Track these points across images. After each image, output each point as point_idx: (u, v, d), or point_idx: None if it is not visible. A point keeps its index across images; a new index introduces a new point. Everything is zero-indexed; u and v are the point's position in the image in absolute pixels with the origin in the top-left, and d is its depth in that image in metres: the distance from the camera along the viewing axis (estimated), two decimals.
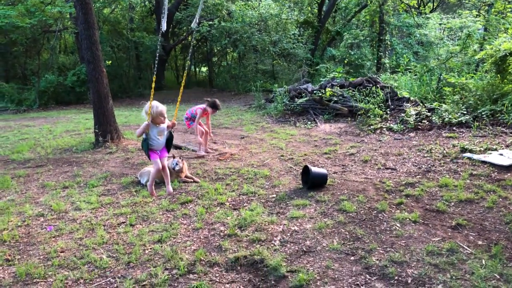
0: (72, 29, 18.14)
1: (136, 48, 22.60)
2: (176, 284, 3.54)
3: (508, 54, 9.20)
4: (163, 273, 3.69)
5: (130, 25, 22.55)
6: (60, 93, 18.45)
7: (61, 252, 4.14)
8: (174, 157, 6.19)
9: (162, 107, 4.40)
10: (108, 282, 3.60)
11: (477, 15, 14.64)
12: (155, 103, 4.33)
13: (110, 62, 17.90)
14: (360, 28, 19.60)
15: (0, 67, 20.09)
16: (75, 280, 3.62)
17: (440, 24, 16.43)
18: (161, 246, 4.20)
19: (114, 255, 4.06)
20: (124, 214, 5.08)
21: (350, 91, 11.07)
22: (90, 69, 8.38)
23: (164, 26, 4.60)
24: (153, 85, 4.61)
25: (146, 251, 4.12)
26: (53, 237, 4.50)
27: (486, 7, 14.88)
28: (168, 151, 4.74)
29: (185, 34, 25.06)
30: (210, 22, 19.30)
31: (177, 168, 6.09)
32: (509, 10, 15.25)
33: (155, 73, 5.35)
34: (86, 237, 4.48)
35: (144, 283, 3.56)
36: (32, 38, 19.10)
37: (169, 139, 4.63)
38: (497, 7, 14.39)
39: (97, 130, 8.47)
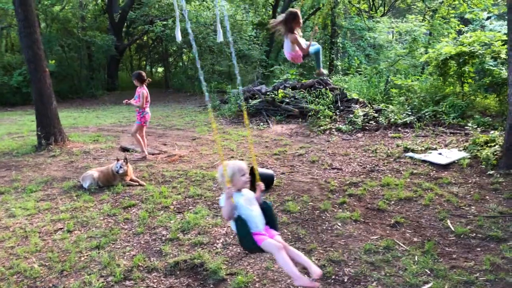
0: (18, 26, 17.30)
1: (88, 48, 21.87)
2: None
3: (449, 57, 9.64)
4: (97, 280, 3.56)
5: (81, 23, 21.79)
6: (5, 94, 17.51)
7: None
8: (118, 160, 6.01)
9: (239, 163, 2.98)
10: None
11: (422, 19, 15.26)
12: (228, 163, 2.94)
13: (53, 61, 17.17)
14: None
15: None
16: None
17: (389, 28, 16.99)
18: (99, 253, 4.05)
19: (47, 264, 3.87)
20: (63, 220, 4.86)
21: (302, 92, 11.21)
22: (31, 68, 8.00)
23: (179, 37, 3.73)
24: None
25: (82, 258, 3.96)
26: None
27: (431, 13, 15.54)
28: (276, 229, 3.00)
29: (139, 33, 24.56)
30: (164, 22, 19.00)
31: (121, 171, 5.92)
32: (452, 15, 16.03)
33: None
34: (18, 245, 4.25)
35: None
36: None
37: (267, 211, 2.98)
38: (441, 13, 15.05)
39: (39, 133, 8.09)
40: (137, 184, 6.08)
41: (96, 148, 8.35)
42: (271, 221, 2.96)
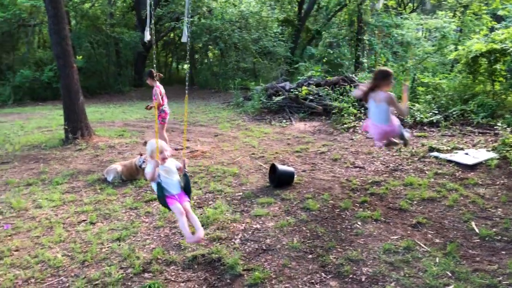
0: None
1: (116, 44, 22.30)
2: (129, 283, 3.49)
3: (479, 55, 9.34)
4: (117, 272, 3.64)
5: (110, 20, 22.22)
6: (36, 89, 18.06)
7: (15, 251, 4.05)
8: (141, 154, 6.11)
9: (161, 143, 3.67)
10: (60, 282, 3.53)
11: (453, 16, 14.83)
12: (150, 141, 3.68)
13: (81, 57, 17.57)
14: (340, 27, 19.69)
15: None
16: (26, 280, 3.54)
17: (418, 24, 16.61)
18: (119, 245, 4.14)
19: (69, 254, 3.98)
20: (86, 212, 4.99)
21: (326, 90, 11.10)
22: (60, 64, 8.22)
23: (147, 36, 3.97)
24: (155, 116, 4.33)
25: (103, 250, 4.05)
26: (9, 235, 4.39)
27: (462, 9, 15.10)
28: (189, 197, 3.80)
29: (166, 30, 24.85)
30: (191, 19, 19.14)
31: (144, 165, 6.01)
32: (484, 12, 15.50)
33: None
34: (43, 235, 4.39)
35: (96, 282, 3.49)
36: (8, 32, 18.68)
37: (186, 183, 3.77)
38: (473, 9, 14.59)
39: (66, 127, 8.31)
40: None
41: (121, 142, 8.51)
42: (186, 189, 3.75)
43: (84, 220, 4.77)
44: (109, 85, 20.87)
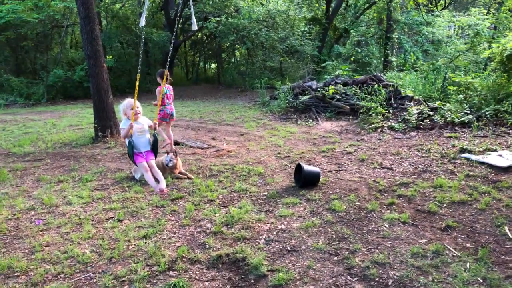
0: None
1: (145, 44, 22.69)
2: (155, 281, 3.53)
3: None
4: (143, 269, 3.68)
5: (139, 21, 22.62)
6: (68, 88, 18.62)
7: (46, 246, 4.16)
8: (168, 153, 6.18)
9: (128, 100, 4.54)
10: (88, 277, 3.60)
11: (487, 13, 14.36)
12: (123, 101, 4.52)
13: (110, 57, 17.95)
14: (368, 25, 19.39)
15: (10, 61, 20.34)
16: (56, 275, 3.63)
17: (450, 22, 16.17)
18: (146, 242, 4.19)
19: (97, 250, 4.06)
20: (114, 209, 5.09)
21: (353, 89, 10.95)
22: (90, 64, 8.42)
23: (142, 22, 4.64)
24: (137, 84, 4.70)
25: (130, 247, 4.12)
26: (41, 231, 4.52)
27: (496, 5, 14.59)
28: (155, 156, 4.59)
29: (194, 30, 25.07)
30: (218, 18, 19.27)
31: (170, 164, 6.08)
32: None
33: (139, 70, 5.48)
34: (73, 231, 4.50)
35: (123, 278, 3.55)
36: (42, 33, 19.31)
37: (154, 142, 4.51)
38: (508, 5, 14.09)
39: (96, 125, 8.52)
40: (186, 177, 6.22)
41: None
42: (154, 148, 4.63)
43: (112, 217, 4.87)
44: (138, 84, 21.22)
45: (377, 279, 3.43)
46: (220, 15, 19.61)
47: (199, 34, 27.45)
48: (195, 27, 4.25)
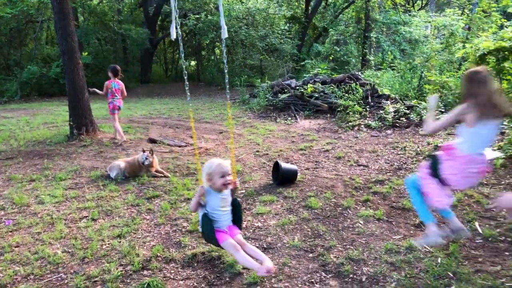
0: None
1: (123, 41, 22.37)
2: (128, 280, 3.47)
3: (487, 53, 9.21)
4: (117, 269, 3.63)
5: (117, 17, 22.27)
6: (43, 85, 18.18)
7: (15, 247, 4.05)
8: (144, 151, 6.10)
9: (222, 162, 3.17)
10: (59, 278, 3.52)
11: (461, 13, 14.64)
12: (211, 160, 3.23)
13: (86, 53, 17.61)
14: (347, 24, 19.57)
15: None
16: (25, 276, 3.54)
17: (426, 22, 16.43)
18: (120, 242, 4.13)
19: (70, 250, 3.98)
20: (88, 208, 4.99)
21: (332, 87, 11.04)
22: (65, 60, 8.23)
23: (173, 35, 3.84)
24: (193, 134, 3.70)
25: (104, 247, 4.05)
26: (10, 231, 4.40)
27: (471, 6, 14.90)
28: (240, 227, 3.39)
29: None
30: (197, 16, 19.14)
31: (146, 162, 6.01)
32: (494, 9, 15.29)
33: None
34: (44, 231, 4.39)
35: (95, 279, 3.49)
36: (16, 28, 18.80)
37: (235, 209, 3.33)
38: (482, 6, 14.39)
39: (71, 123, 8.34)
40: (162, 175, 6.16)
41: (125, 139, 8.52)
42: (237, 219, 3.31)
43: (86, 217, 4.78)
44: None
45: (351, 276, 3.46)
46: (200, 12, 19.49)
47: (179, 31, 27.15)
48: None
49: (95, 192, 5.53)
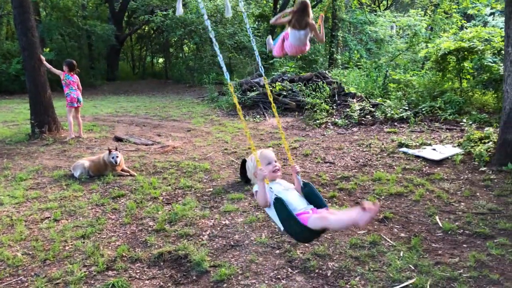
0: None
1: (88, 37, 21.77)
2: (92, 281, 3.40)
3: (448, 53, 9.55)
4: (80, 270, 3.54)
5: (81, 12, 21.66)
6: (3, 82, 17.47)
7: None
8: (110, 150, 5.98)
9: (264, 151, 2.89)
10: (19, 281, 3.41)
11: (424, 14, 15.10)
12: (250, 156, 2.95)
13: (48, 49, 17.06)
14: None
15: None
16: None
17: (391, 22, 16.85)
18: (83, 242, 4.04)
19: (30, 252, 3.85)
20: (50, 209, 4.85)
21: (299, 85, 11.14)
22: (25, 56, 7.96)
23: (180, 11, 4.11)
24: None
25: (67, 248, 3.95)
26: None
27: (433, 7, 15.40)
28: (324, 206, 2.74)
29: (140, 23, 24.43)
30: (164, 12, 18.88)
31: (118, 160, 5.90)
32: (455, 11, 15.86)
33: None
34: (3, 233, 4.24)
35: (58, 281, 3.39)
36: None
37: (309, 190, 2.79)
38: (443, 7, 14.90)
39: (33, 121, 8.06)
40: (128, 174, 6.06)
41: (90, 137, 8.33)
42: (317, 200, 2.71)
43: (48, 217, 4.64)
44: (81, 79, 20.33)
45: (317, 271, 3.52)
46: (167, 9, 19.22)
47: (146, 28, 26.74)
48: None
49: (58, 192, 5.37)
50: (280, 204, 2.52)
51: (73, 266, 3.59)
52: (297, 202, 2.64)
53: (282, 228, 2.62)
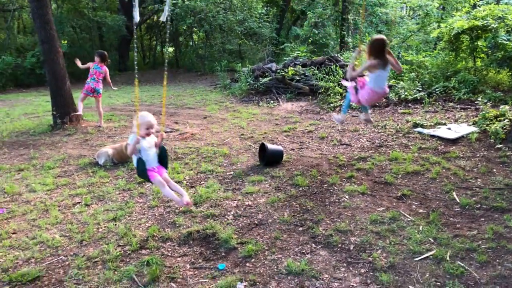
0: (29, 8, 17.42)
1: (99, 28, 21.95)
2: (128, 260, 3.62)
3: (461, 32, 9.51)
4: (115, 249, 3.76)
5: (91, 4, 21.82)
6: (19, 75, 17.75)
7: (12, 233, 4.13)
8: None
9: (150, 117, 3.70)
10: (60, 260, 3.64)
11: None
12: (142, 113, 3.76)
13: (65, 41, 17.29)
14: (324, 7, 19.67)
15: None
16: (26, 260, 3.64)
17: (401, 3, 16.70)
18: (115, 224, 4.25)
19: (67, 235, 4.08)
20: (80, 194, 5.07)
21: (312, 70, 11.20)
22: (45, 49, 8.14)
23: (137, 18, 4.06)
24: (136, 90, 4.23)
25: (100, 230, 4.17)
26: (5, 219, 4.46)
27: None
28: (166, 168, 3.91)
29: (149, 13, 24.51)
30: (174, 1, 18.92)
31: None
32: None
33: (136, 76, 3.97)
34: (39, 218, 4.47)
35: (96, 259, 3.62)
36: None
37: (163, 154, 3.85)
38: None
39: (54, 112, 8.29)
40: None
41: (109, 127, 8.54)
42: (163, 161, 3.86)
43: (79, 202, 4.86)
44: None
45: (339, 245, 3.68)
46: None
47: (155, 17, 26.80)
48: (163, 18, 3.96)
49: (85, 179, 5.60)
50: (140, 161, 3.62)
51: (108, 246, 3.80)
52: (151, 161, 3.71)
53: (135, 165, 3.75)
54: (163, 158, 3.87)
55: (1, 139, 7.90)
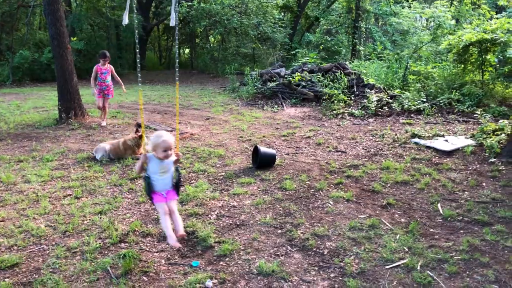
0: None
1: (116, 27, 22.35)
2: (106, 252, 3.71)
3: (469, 44, 9.44)
4: (96, 241, 3.86)
5: (110, 3, 22.24)
6: (35, 70, 18.21)
7: (0, 221, 4.27)
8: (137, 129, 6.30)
9: (167, 138, 3.35)
10: (41, 249, 3.75)
11: (450, 5, 14.82)
12: (159, 132, 3.45)
13: (75, 38, 17.66)
14: (339, 14, 19.70)
15: None
16: (9, 247, 3.76)
17: (415, 13, 16.60)
18: (100, 218, 4.36)
19: (52, 225, 4.20)
20: (72, 187, 5.20)
21: (318, 76, 11.23)
22: (54, 45, 8.37)
23: (126, 20, 4.09)
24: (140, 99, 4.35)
25: (85, 222, 4.28)
26: None
27: None
28: (178, 194, 3.61)
29: (166, 14, 24.84)
30: (190, 3, 19.18)
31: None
32: (484, 1, 15.49)
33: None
34: (29, 207, 4.61)
35: (75, 250, 3.72)
36: (8, 12, 18.78)
37: (177, 180, 3.57)
38: None
39: (60, 107, 8.50)
40: None
41: (113, 123, 8.71)
42: (176, 186, 3.57)
43: (70, 195, 4.99)
44: None
45: (314, 249, 3.71)
46: (192, 0, 19.52)
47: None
48: (172, 22, 4.00)
49: (80, 173, 5.74)
50: (147, 181, 3.40)
51: (89, 238, 3.90)
52: (161, 185, 3.43)
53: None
54: (176, 182, 3.56)
55: (7, 130, 8.13)
